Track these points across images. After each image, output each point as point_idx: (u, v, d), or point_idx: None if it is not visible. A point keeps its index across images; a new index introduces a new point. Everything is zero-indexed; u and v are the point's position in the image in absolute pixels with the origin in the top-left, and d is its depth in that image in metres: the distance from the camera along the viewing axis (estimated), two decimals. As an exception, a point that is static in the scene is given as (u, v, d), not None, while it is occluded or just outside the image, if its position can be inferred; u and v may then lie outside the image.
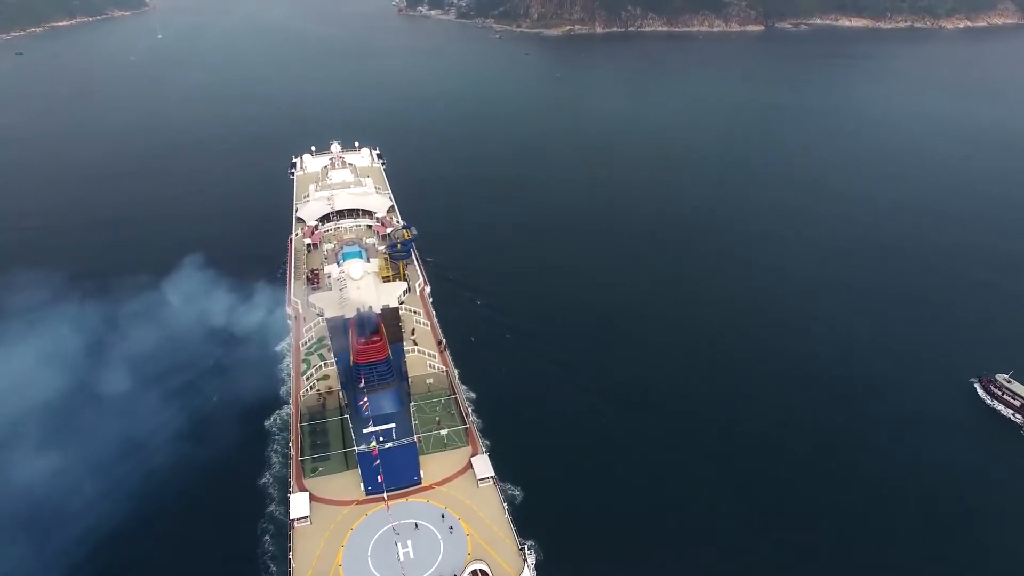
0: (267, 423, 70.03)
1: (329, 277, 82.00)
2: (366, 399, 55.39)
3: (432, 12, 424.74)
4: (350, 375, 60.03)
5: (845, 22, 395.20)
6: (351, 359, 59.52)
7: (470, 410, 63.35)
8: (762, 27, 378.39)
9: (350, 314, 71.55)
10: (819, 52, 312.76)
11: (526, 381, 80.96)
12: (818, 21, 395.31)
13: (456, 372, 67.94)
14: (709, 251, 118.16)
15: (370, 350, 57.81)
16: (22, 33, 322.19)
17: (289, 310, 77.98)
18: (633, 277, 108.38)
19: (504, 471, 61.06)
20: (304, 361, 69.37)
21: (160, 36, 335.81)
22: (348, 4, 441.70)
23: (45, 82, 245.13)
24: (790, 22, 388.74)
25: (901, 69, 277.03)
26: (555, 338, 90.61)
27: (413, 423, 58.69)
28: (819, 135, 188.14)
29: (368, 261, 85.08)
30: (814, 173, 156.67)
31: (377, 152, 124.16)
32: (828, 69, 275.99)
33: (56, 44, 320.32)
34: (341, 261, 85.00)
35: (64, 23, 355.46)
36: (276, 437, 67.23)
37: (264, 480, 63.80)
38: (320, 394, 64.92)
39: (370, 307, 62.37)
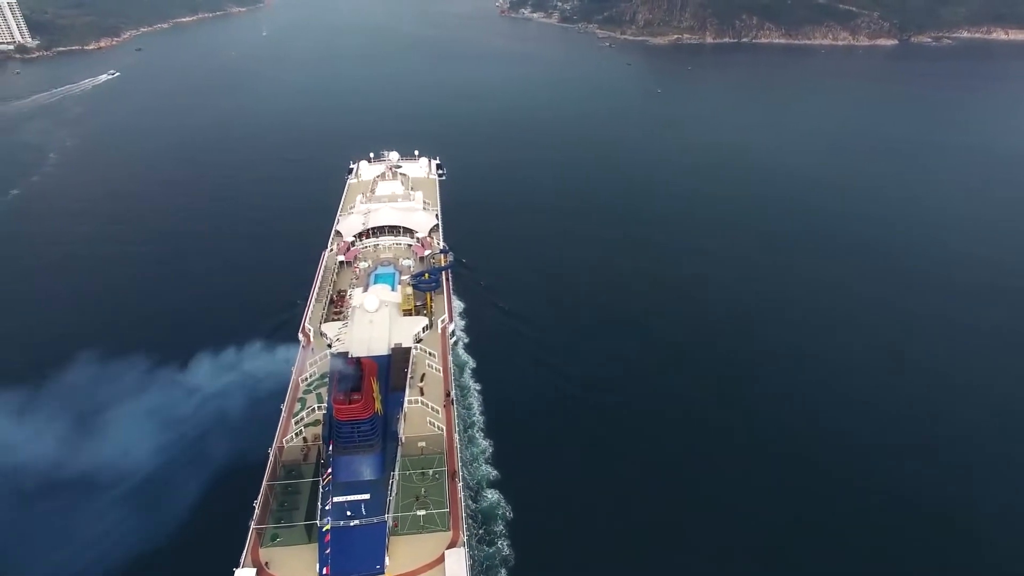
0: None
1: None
2: (330, 470, 48.13)
3: (534, 15, 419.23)
4: (333, 429, 53.14)
5: (1001, 35, 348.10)
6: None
7: (461, 487, 54.40)
8: (895, 41, 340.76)
9: (358, 351, 65.38)
10: (967, 72, 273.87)
11: (575, 464, 65.68)
12: (965, 34, 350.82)
13: (457, 435, 59.40)
14: (832, 302, 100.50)
15: (349, 410, 50.61)
16: (149, 29, 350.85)
17: (301, 336, 72.63)
18: (736, 337, 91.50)
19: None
20: (300, 400, 63.36)
21: (265, 33, 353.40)
22: (453, 4, 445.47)
23: (151, 78, 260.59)
24: (930, 35, 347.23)
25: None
26: (624, 410, 74.78)
27: (390, 497, 50.89)
28: (964, 176, 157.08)
29: (396, 288, 78.65)
30: (954, 217, 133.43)
31: (437, 162, 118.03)
32: (979, 94, 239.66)
33: (175, 40, 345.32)
34: (372, 283, 79.23)
35: (187, 19, 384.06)
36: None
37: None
38: (305, 443, 58.43)
39: (356, 358, 54.89)
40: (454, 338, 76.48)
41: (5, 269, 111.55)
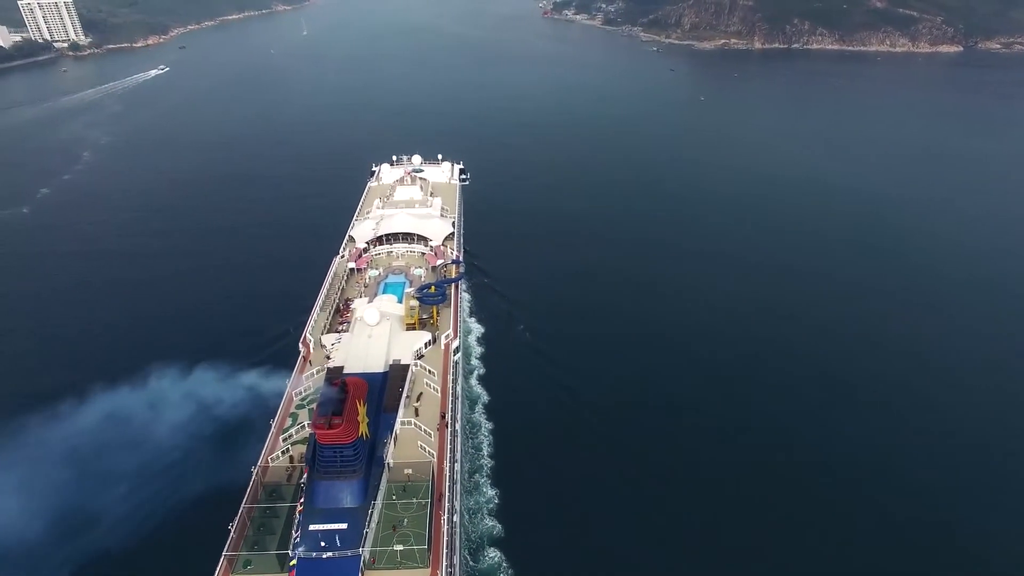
0: None
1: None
2: (302, 498, 45.28)
3: (577, 16, 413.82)
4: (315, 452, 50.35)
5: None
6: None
7: (445, 520, 50.87)
8: (959, 48, 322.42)
9: (354, 367, 62.64)
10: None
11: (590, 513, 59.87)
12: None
13: (448, 462, 55.80)
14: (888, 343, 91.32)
15: (329, 435, 47.69)
16: (196, 27, 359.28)
17: (301, 347, 70.32)
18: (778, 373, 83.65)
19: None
20: (292, 415, 60.86)
21: (305, 32, 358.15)
22: (496, 5, 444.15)
23: (189, 76, 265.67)
24: (999, 41, 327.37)
25: None
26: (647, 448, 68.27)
27: (367, 528, 47.76)
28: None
29: (402, 300, 75.81)
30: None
31: (460, 167, 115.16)
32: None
33: (218, 37, 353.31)
34: (380, 292, 76.69)
35: (234, 17, 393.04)
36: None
37: None
38: (292, 463, 55.74)
39: (342, 379, 51.94)
40: (457, 355, 72.91)
41: (9, 269, 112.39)
